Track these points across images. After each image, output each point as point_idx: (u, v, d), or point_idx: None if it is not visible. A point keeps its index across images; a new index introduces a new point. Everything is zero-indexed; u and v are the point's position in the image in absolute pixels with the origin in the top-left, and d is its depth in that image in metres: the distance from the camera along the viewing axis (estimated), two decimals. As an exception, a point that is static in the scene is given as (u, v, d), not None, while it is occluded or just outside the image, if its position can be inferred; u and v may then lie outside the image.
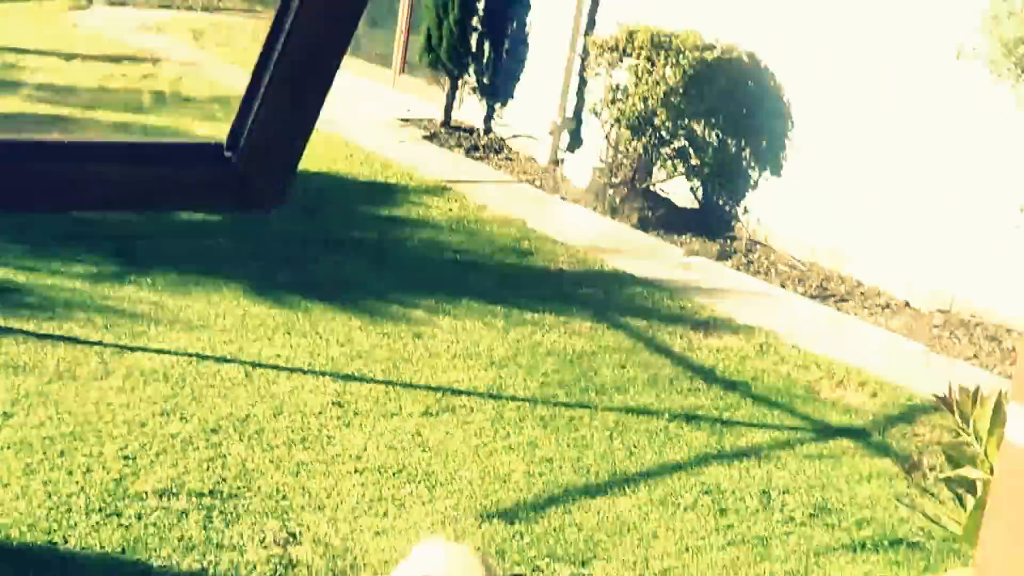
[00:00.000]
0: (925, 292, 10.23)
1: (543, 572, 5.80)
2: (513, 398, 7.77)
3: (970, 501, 5.10)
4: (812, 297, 10.43)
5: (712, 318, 9.55)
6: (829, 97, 11.16)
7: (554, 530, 6.29)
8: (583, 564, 6.01)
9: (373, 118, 14.22)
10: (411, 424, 7.25)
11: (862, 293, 10.58)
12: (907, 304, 10.32)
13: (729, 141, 11.96)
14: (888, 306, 10.32)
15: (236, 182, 1.64)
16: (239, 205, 1.75)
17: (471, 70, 14.49)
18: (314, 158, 12.37)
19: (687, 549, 6.26)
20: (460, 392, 7.76)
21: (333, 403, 7.40)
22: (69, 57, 15.85)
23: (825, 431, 7.83)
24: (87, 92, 14.42)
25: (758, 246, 11.53)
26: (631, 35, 11.79)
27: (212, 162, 1.64)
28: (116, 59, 16.14)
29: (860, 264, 10.78)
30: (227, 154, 1.64)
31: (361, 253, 10.06)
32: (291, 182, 1.73)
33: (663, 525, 6.46)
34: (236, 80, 13.37)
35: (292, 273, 9.37)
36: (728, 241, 11.60)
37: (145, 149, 1.72)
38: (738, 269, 10.99)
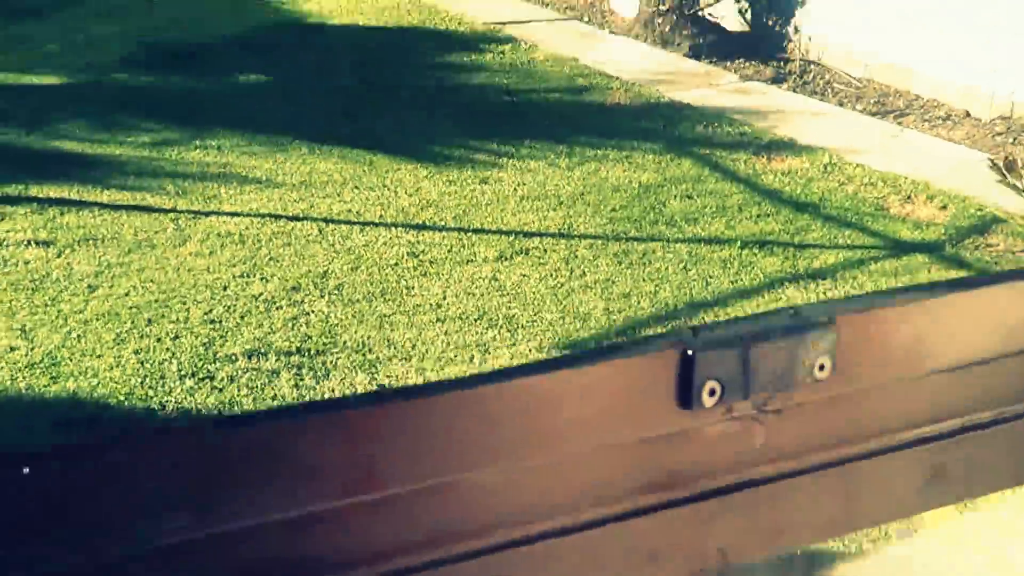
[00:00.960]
0: (985, 100, 10.12)
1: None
2: (584, 236, 7.80)
3: None
4: (871, 114, 10.34)
5: (774, 142, 9.51)
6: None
7: (639, 364, 6.35)
8: (671, 396, 6.08)
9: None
10: (487, 270, 7.31)
11: (921, 106, 10.47)
12: (967, 114, 10.21)
13: (775, -43, 11.77)
14: (948, 117, 10.22)
15: None
16: None
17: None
18: (362, 9, 12.30)
19: (772, 374, 6.31)
20: (532, 234, 7.80)
21: (408, 254, 7.46)
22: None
23: (899, 247, 7.82)
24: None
25: (812, 66, 11.41)
26: None
27: None
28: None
29: (917, 76, 10.66)
30: None
31: (419, 101, 10.04)
32: None
33: (746, 352, 6.51)
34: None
35: (353, 126, 9.38)
36: (782, 63, 11.48)
37: None
38: (794, 91, 10.90)
